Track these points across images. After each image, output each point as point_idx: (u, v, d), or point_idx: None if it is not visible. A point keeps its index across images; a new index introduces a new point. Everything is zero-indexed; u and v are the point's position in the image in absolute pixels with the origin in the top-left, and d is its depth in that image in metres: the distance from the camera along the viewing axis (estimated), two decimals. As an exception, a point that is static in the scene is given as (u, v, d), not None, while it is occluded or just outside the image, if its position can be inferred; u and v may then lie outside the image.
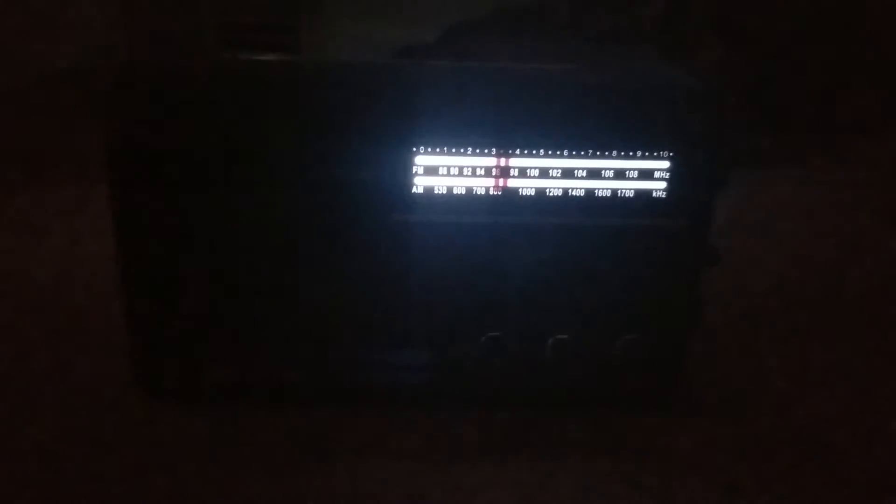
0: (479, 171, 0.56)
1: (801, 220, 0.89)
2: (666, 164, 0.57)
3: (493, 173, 0.56)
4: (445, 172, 0.56)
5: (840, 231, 0.88)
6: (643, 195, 0.58)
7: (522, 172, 0.57)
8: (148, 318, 0.60)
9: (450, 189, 0.57)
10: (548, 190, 0.57)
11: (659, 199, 0.58)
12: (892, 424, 0.64)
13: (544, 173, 0.57)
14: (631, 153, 0.56)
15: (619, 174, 0.57)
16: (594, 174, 0.57)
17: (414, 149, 0.55)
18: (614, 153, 0.56)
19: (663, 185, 0.57)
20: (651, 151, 0.56)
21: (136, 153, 0.55)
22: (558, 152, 0.56)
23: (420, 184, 0.56)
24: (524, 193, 0.57)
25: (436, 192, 0.57)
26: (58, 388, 0.64)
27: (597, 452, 0.60)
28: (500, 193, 0.57)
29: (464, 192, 0.57)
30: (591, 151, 0.56)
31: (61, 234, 0.87)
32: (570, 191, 0.57)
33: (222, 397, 0.62)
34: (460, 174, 0.56)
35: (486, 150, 0.56)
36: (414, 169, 0.56)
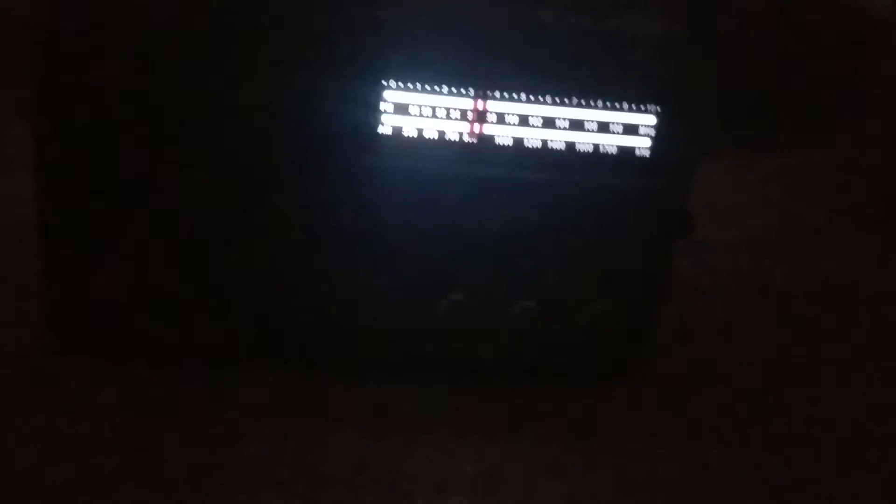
0: (453, 114, 0.51)
1: (770, 205, 0.88)
2: (652, 119, 0.53)
3: (469, 117, 0.51)
4: (417, 113, 0.51)
5: (808, 216, 0.87)
6: (626, 152, 0.54)
7: (501, 118, 0.52)
8: (72, 271, 0.52)
9: (420, 132, 0.51)
10: (526, 140, 0.53)
11: (642, 157, 0.54)
12: (855, 401, 0.63)
13: (524, 121, 0.52)
14: (617, 104, 0.52)
15: (603, 127, 0.53)
16: (576, 125, 0.53)
17: (383, 82, 0.50)
18: (599, 103, 0.52)
19: (647, 142, 0.54)
20: (638, 103, 0.52)
21: (65, 84, 0.47)
22: (540, 98, 0.52)
23: (388, 123, 0.51)
24: (501, 143, 0.52)
25: (405, 134, 0.51)
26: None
27: (561, 424, 0.57)
28: (475, 141, 0.52)
29: (436, 137, 0.52)
30: (574, 99, 0.52)
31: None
32: (549, 142, 0.53)
33: (157, 358, 0.55)
34: (433, 115, 0.51)
35: (462, 90, 0.51)
36: (382, 106, 0.50)
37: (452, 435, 0.54)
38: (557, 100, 0.52)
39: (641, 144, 0.54)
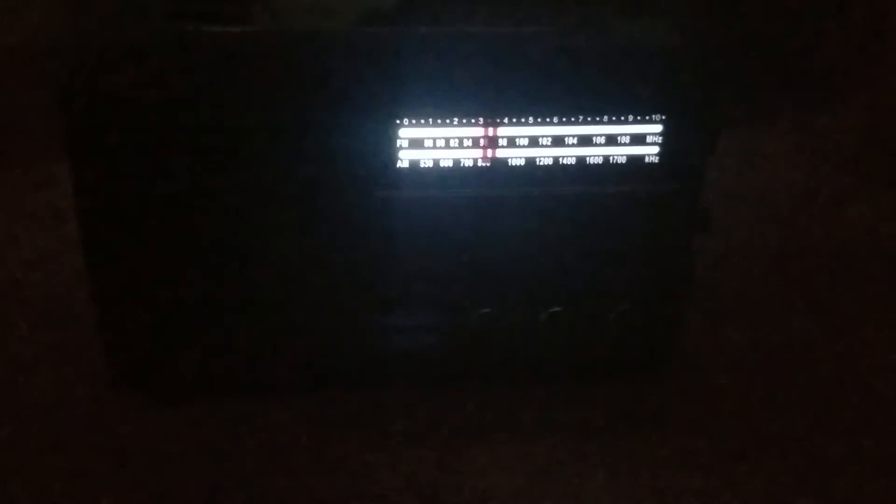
0: (466, 143, 0.54)
1: (786, 178, 0.89)
2: (658, 127, 0.55)
3: (482, 143, 0.54)
4: (431, 145, 0.53)
5: (824, 189, 0.88)
6: (635, 161, 0.55)
7: (511, 142, 0.54)
8: (118, 309, 0.56)
9: (436, 162, 0.54)
10: (538, 159, 0.55)
11: (651, 164, 0.56)
12: (880, 384, 0.64)
13: (534, 142, 0.54)
14: (623, 117, 0.54)
15: (611, 140, 0.55)
16: (585, 141, 0.55)
17: (398, 121, 0.52)
18: (605, 118, 0.54)
19: (656, 149, 0.55)
20: (643, 115, 0.54)
21: (101, 134, 0.50)
22: (548, 119, 0.54)
23: (405, 158, 0.54)
24: (514, 164, 0.55)
25: (421, 165, 0.54)
26: (21, 390, 0.60)
27: (595, 428, 0.59)
28: (488, 165, 0.55)
29: (451, 165, 0.54)
30: (581, 117, 0.54)
31: (13, 219, 0.82)
32: (561, 159, 0.55)
33: (203, 391, 0.59)
34: (447, 146, 0.54)
35: (473, 120, 0.53)
36: (398, 142, 0.53)
37: (494, 446, 0.57)
38: (566, 119, 0.54)
39: (650, 151, 0.55)
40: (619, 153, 0.55)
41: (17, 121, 0.86)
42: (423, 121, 0.53)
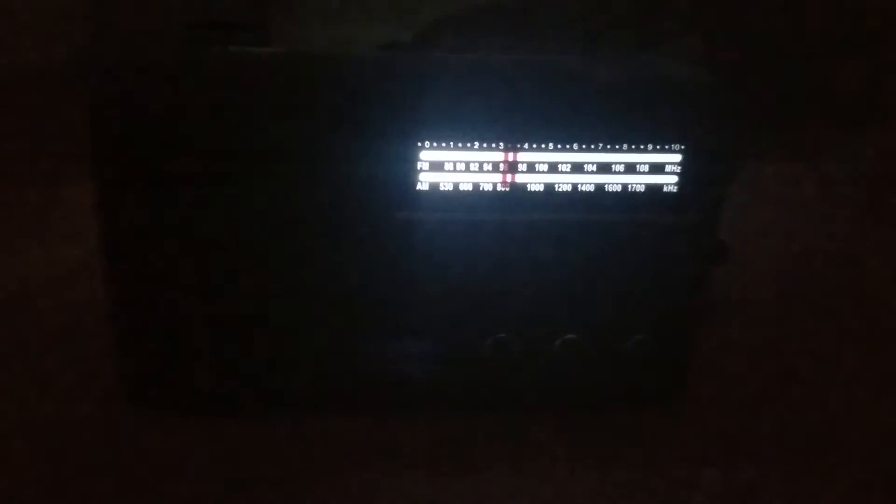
0: (486, 167, 0.54)
1: (802, 215, 0.89)
2: (678, 157, 0.55)
3: (501, 168, 0.54)
4: (452, 168, 0.54)
5: (841, 226, 0.88)
6: (654, 190, 0.56)
7: (531, 167, 0.55)
8: (135, 325, 0.56)
9: (456, 185, 0.55)
10: (557, 185, 0.55)
11: (670, 193, 0.56)
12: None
13: (553, 168, 0.55)
14: (642, 147, 0.55)
15: (630, 168, 0.55)
16: (604, 169, 0.55)
17: (419, 144, 0.53)
18: (625, 147, 0.55)
19: (674, 179, 0.56)
20: (663, 145, 0.55)
21: (125, 153, 0.51)
22: (568, 146, 0.54)
23: (425, 180, 0.54)
24: (532, 189, 0.55)
25: (441, 188, 0.54)
26: (36, 404, 0.60)
27: (608, 456, 0.58)
28: (507, 189, 0.55)
29: (470, 189, 0.55)
30: (601, 145, 0.54)
31: (31, 236, 0.82)
32: (579, 186, 0.55)
33: (216, 407, 0.59)
34: (467, 170, 0.54)
35: (493, 145, 0.54)
36: (419, 165, 0.54)
37: (505, 472, 0.56)
38: (585, 146, 0.54)
39: (669, 181, 0.56)
40: (638, 181, 0.56)
41: (32, 140, 0.87)
42: (444, 144, 0.53)
